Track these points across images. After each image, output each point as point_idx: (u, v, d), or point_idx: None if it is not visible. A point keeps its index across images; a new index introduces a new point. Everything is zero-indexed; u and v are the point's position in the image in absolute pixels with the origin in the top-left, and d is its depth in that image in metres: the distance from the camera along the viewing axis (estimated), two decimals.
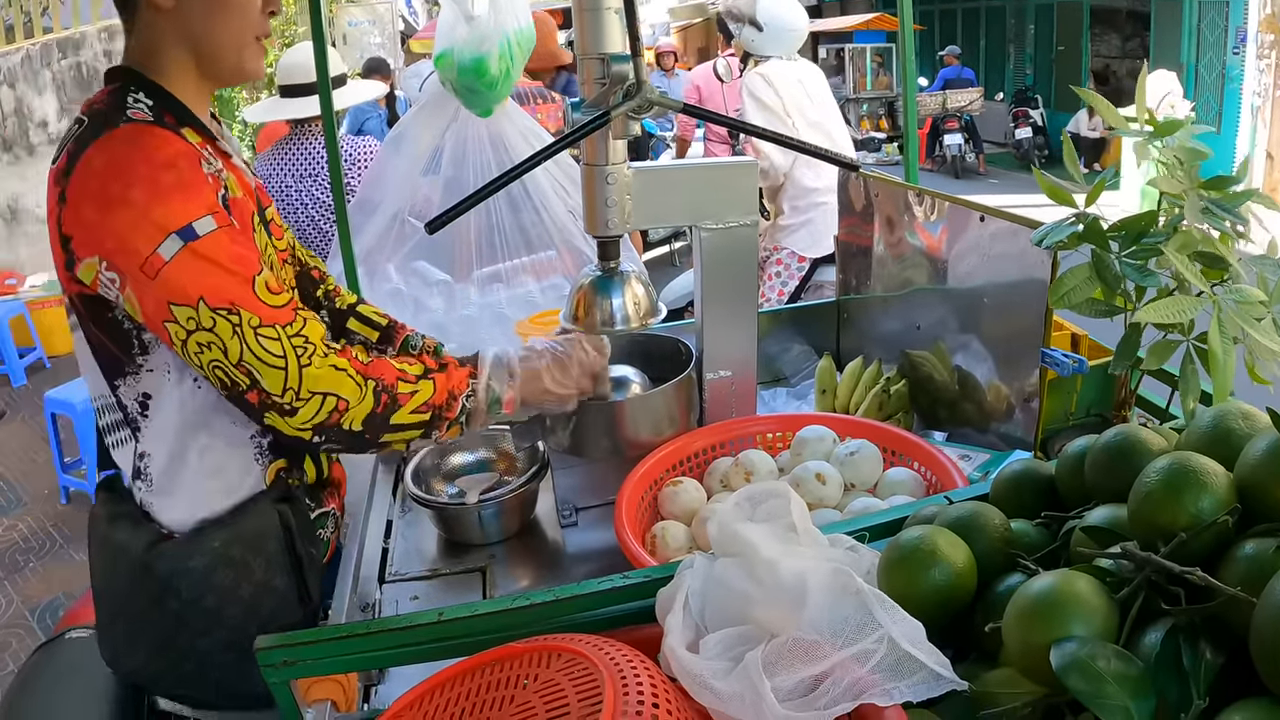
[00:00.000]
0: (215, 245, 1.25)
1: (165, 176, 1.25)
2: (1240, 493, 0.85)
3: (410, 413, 1.37)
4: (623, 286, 1.62)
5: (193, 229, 1.24)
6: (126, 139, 1.28)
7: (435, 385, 1.40)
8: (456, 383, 1.43)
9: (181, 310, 1.23)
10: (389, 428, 1.36)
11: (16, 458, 5.74)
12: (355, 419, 1.32)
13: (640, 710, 0.74)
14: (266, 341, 1.26)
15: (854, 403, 2.03)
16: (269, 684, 1.07)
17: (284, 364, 1.27)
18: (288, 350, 1.28)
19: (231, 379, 1.27)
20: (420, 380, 1.39)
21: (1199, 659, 0.75)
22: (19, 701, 1.66)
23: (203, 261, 1.24)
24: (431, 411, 1.39)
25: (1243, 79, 10.34)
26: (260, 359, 1.26)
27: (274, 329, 1.27)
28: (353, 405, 1.32)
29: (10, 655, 3.78)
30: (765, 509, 1.00)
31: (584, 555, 1.74)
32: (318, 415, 1.30)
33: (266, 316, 1.27)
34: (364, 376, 1.33)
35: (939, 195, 1.84)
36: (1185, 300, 1.26)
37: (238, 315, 1.25)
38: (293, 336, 1.29)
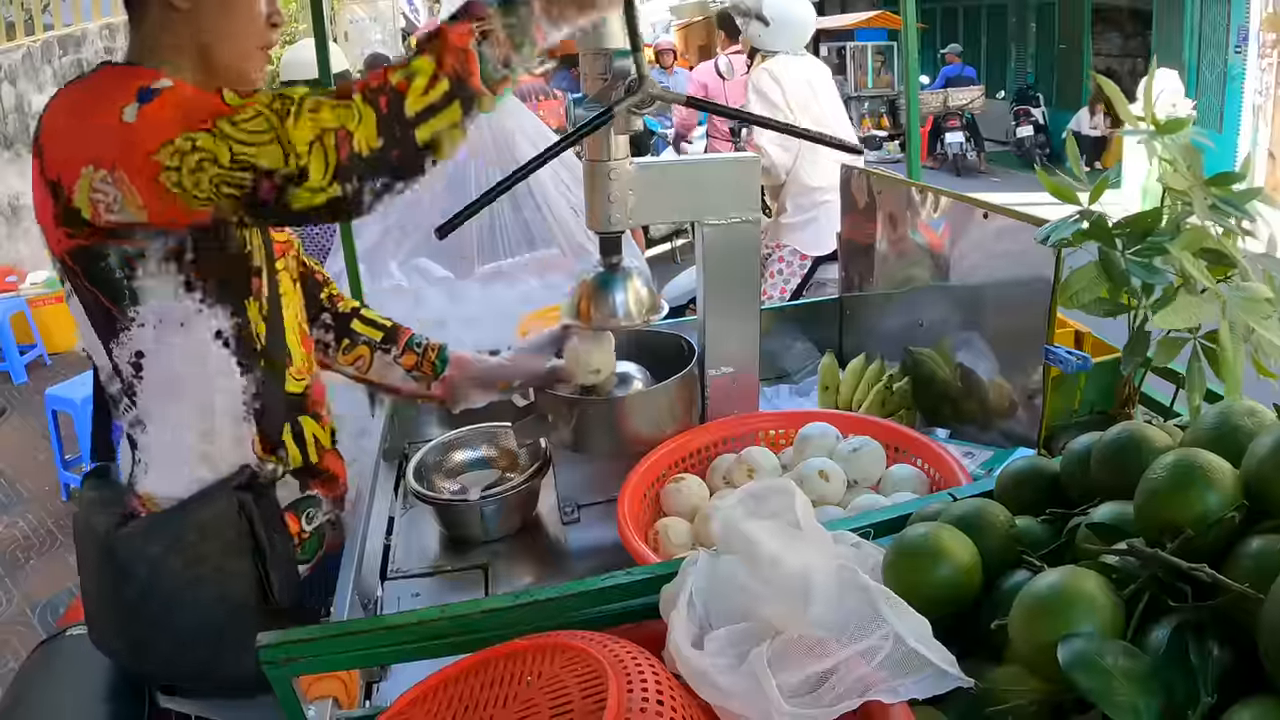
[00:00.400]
0: (176, 90, 1.25)
1: (113, 76, 1.29)
2: (1246, 489, 0.84)
3: (423, 94, 1.22)
4: (625, 282, 1.62)
5: (148, 90, 1.24)
6: (94, 76, 1.32)
7: (435, 53, 1.24)
8: (459, 35, 1.24)
9: (164, 151, 1.20)
10: (412, 121, 1.22)
11: (17, 455, 5.73)
12: (367, 138, 1.21)
13: (645, 707, 0.74)
14: (247, 124, 1.20)
15: (857, 400, 2.03)
16: (270, 680, 1.06)
17: (272, 135, 1.20)
18: (272, 120, 1.20)
19: (238, 183, 1.21)
20: (411, 61, 1.24)
21: (1206, 656, 0.75)
22: (20, 699, 1.66)
23: (167, 103, 1.23)
24: (450, 79, 1.23)
25: (1244, 78, 10.32)
26: (249, 143, 1.20)
27: (250, 108, 1.21)
28: (353, 126, 1.20)
29: (11, 653, 3.78)
30: (769, 506, 0.99)
31: (586, 552, 1.74)
32: (328, 159, 1.20)
33: (240, 105, 1.22)
34: (351, 93, 1.22)
35: (942, 192, 1.84)
36: (1197, 301, 1.26)
37: (216, 126, 1.20)
38: (271, 104, 1.21)
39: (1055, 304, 1.47)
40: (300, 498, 1.56)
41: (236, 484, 1.44)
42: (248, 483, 1.45)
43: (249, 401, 1.46)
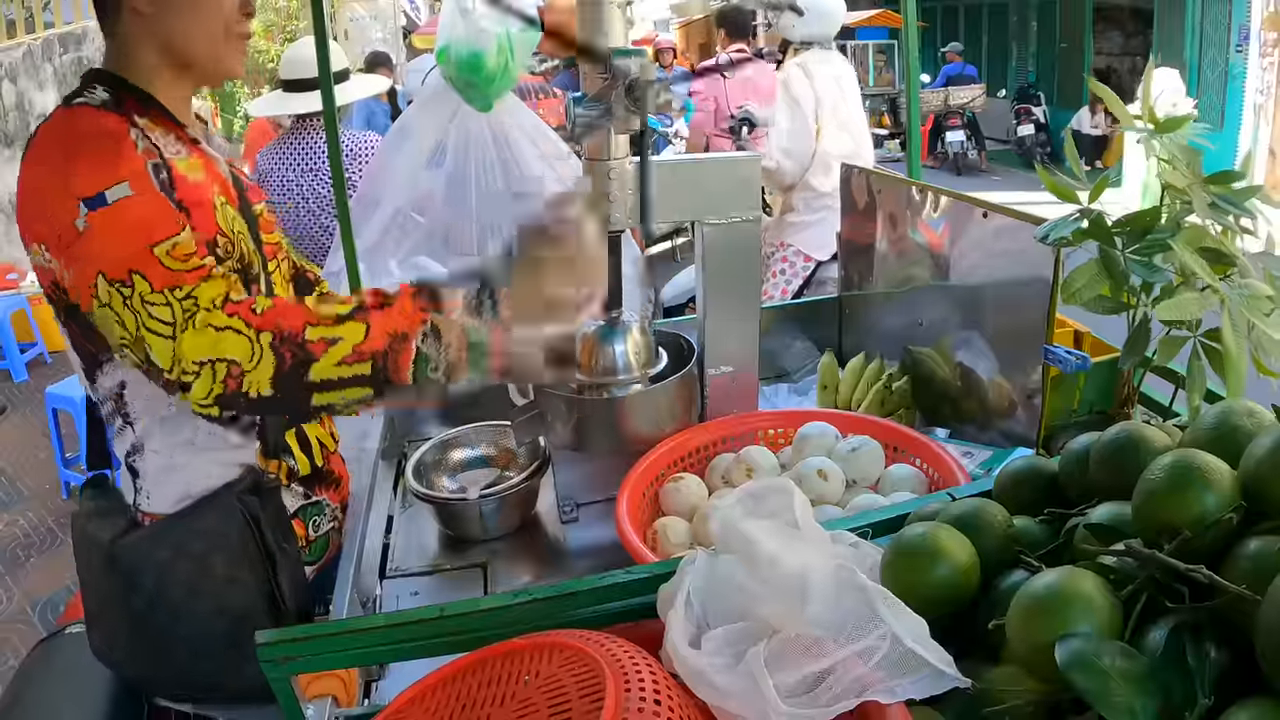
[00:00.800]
0: (122, 210, 1.20)
1: (84, 146, 1.25)
2: (1245, 490, 0.84)
3: (336, 365, 1.14)
4: (625, 336, 1.64)
5: (103, 196, 1.19)
6: (53, 124, 1.29)
7: (368, 328, 1.15)
8: (404, 322, 1.17)
9: (99, 287, 1.19)
10: (313, 385, 1.15)
11: (18, 453, 5.74)
12: (259, 383, 1.14)
13: (642, 706, 0.74)
14: (156, 309, 1.15)
15: (856, 399, 2.02)
16: (269, 679, 1.07)
17: (171, 332, 1.15)
18: (176, 316, 1.15)
19: (135, 358, 1.19)
20: (342, 322, 1.16)
21: (1204, 657, 0.75)
22: (20, 696, 1.66)
23: (108, 230, 1.19)
24: (370, 361, 1.15)
25: (1245, 76, 10.32)
26: (150, 329, 1.15)
27: (164, 294, 1.16)
28: (246, 367, 1.13)
29: (11, 650, 3.78)
30: (767, 505, 0.99)
31: (585, 551, 1.74)
32: (212, 388, 1.14)
33: (160, 281, 1.16)
34: (256, 329, 1.14)
35: (942, 191, 1.84)
36: (1196, 297, 1.26)
37: (130, 286, 1.16)
38: (183, 299, 1.15)
39: (1055, 303, 1.47)
40: (307, 504, 1.55)
41: (241, 489, 1.43)
42: (252, 488, 1.44)
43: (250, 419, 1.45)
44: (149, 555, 1.39)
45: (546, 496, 1.86)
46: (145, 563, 1.39)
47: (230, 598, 1.41)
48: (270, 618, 1.43)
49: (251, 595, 1.43)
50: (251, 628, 1.40)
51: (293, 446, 1.51)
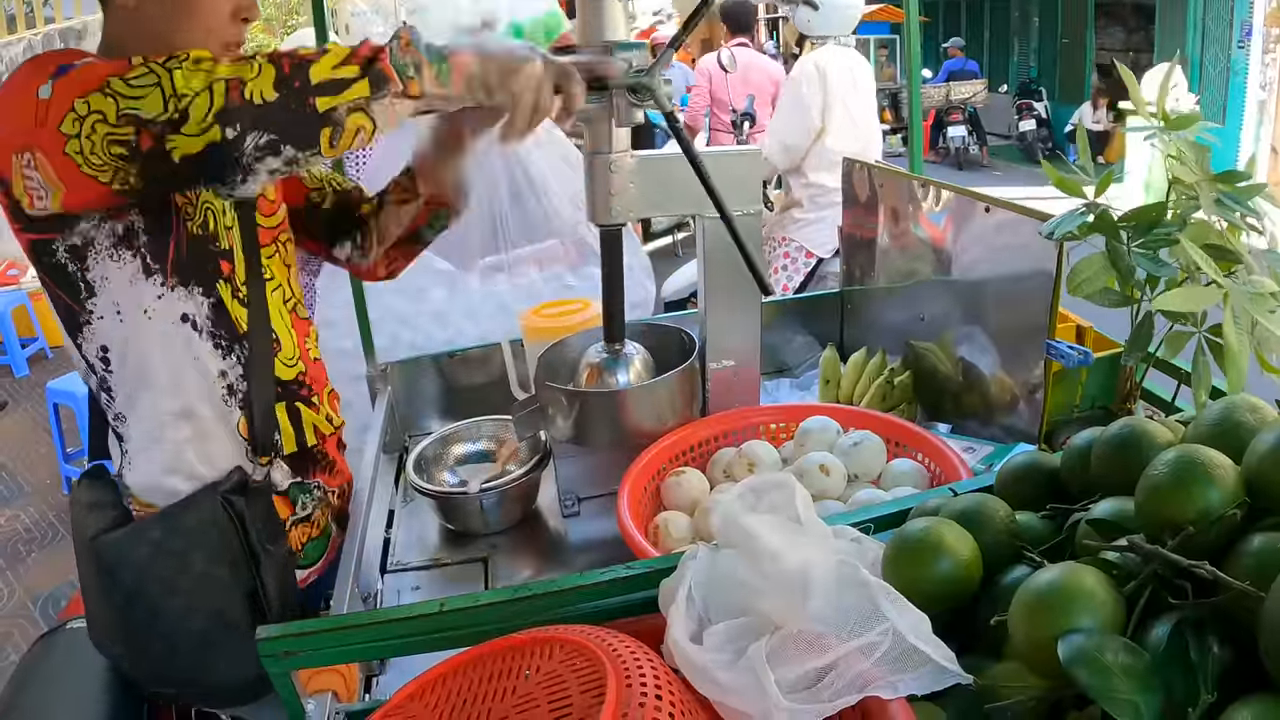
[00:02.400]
0: (87, 66, 1.19)
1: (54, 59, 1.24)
2: (1248, 486, 0.84)
3: (332, 67, 1.17)
4: (628, 367, 1.67)
5: (64, 66, 1.19)
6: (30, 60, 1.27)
7: (351, 50, 1.20)
8: (373, 43, 1.21)
9: (66, 120, 1.16)
10: (315, 87, 1.16)
11: (18, 448, 5.75)
12: (261, 88, 1.14)
13: (643, 702, 0.74)
14: (135, 78, 1.15)
15: (858, 394, 2.02)
16: (270, 674, 1.07)
17: (155, 81, 1.14)
18: (157, 71, 1.14)
19: (123, 139, 1.15)
20: (327, 45, 1.22)
21: (1206, 653, 0.75)
22: (21, 691, 1.66)
23: (75, 77, 1.18)
24: (360, 62, 1.18)
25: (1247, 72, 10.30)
26: (130, 96, 1.14)
27: (141, 64, 1.16)
28: (248, 77, 1.14)
29: (12, 645, 3.78)
30: (769, 500, 0.99)
31: (586, 545, 1.74)
32: (213, 104, 1.13)
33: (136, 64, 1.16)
34: (249, 57, 1.17)
35: (944, 186, 1.83)
36: (1200, 290, 1.26)
37: (105, 80, 1.15)
38: (166, 60, 1.16)
39: (1057, 298, 1.47)
40: (293, 483, 1.55)
41: (226, 488, 1.42)
42: (238, 487, 1.44)
43: (233, 385, 1.45)
44: (129, 552, 1.39)
45: (548, 491, 1.86)
46: (125, 559, 1.39)
47: (208, 596, 1.41)
48: (249, 617, 1.43)
49: (231, 595, 1.43)
50: (228, 630, 1.40)
51: (282, 424, 1.51)
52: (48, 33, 8.39)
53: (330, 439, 1.63)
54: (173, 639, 1.41)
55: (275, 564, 1.46)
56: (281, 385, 1.52)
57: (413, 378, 2.20)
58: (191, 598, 1.40)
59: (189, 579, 1.39)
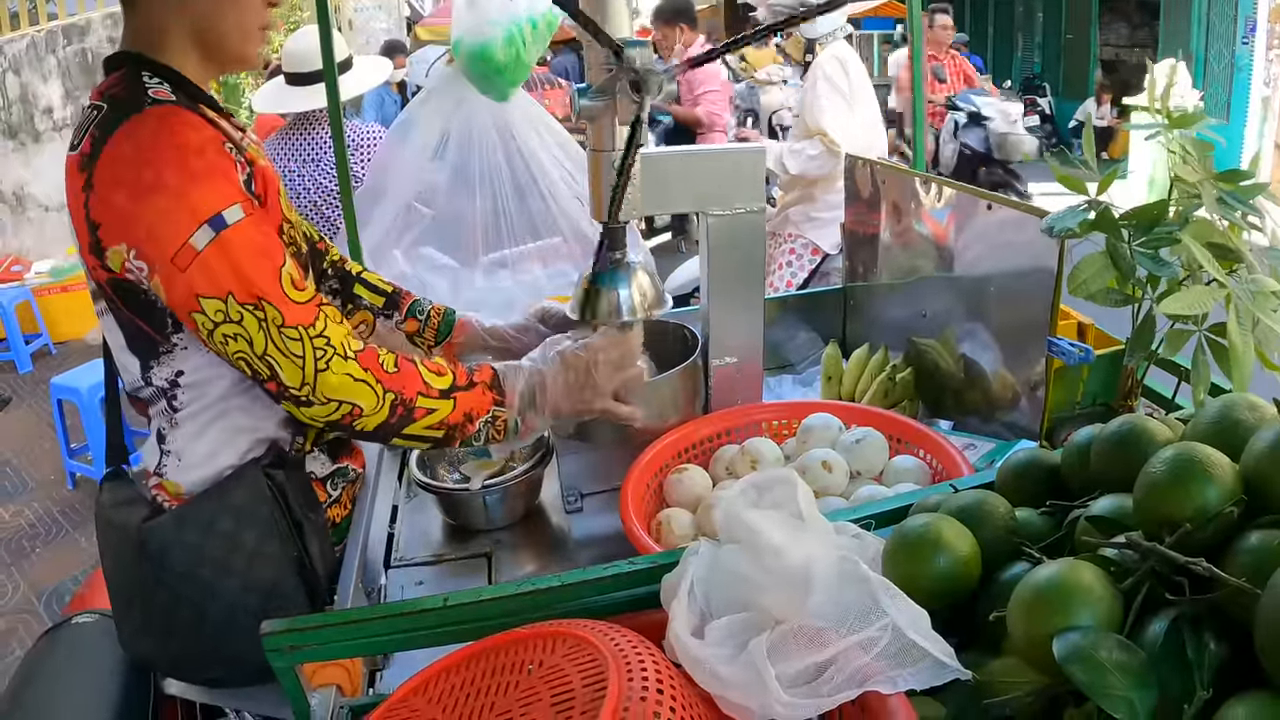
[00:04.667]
0: (243, 235, 1.27)
1: (195, 162, 1.26)
2: (1246, 484, 0.84)
3: (425, 428, 1.40)
4: (629, 278, 1.59)
5: (222, 218, 1.25)
6: (154, 123, 1.28)
7: (455, 404, 1.42)
8: (478, 406, 1.44)
9: (210, 303, 1.26)
10: (400, 436, 1.40)
11: (22, 443, 5.75)
12: (368, 424, 1.36)
13: (645, 696, 0.74)
14: (289, 341, 1.29)
15: (860, 390, 2.03)
16: (274, 669, 1.07)
17: (303, 363, 1.30)
18: (307, 351, 1.30)
19: (254, 368, 1.30)
20: (442, 398, 1.41)
21: (1203, 650, 0.75)
22: (26, 686, 1.67)
23: (232, 253, 1.26)
24: (445, 430, 1.42)
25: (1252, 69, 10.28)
26: (282, 352, 1.29)
27: (297, 330, 1.30)
28: (367, 413, 1.35)
29: (17, 641, 3.79)
30: (771, 496, 1.00)
31: (589, 541, 1.75)
32: (331, 416, 1.34)
33: (290, 316, 1.29)
34: (384, 388, 1.36)
35: (946, 182, 1.84)
36: (1203, 291, 1.26)
37: (263, 311, 1.27)
38: (315, 338, 1.31)
39: (1058, 295, 1.47)
40: (331, 470, 1.57)
41: (266, 463, 1.44)
42: (277, 460, 1.46)
43: None
44: (178, 536, 1.40)
45: (551, 487, 1.87)
46: (175, 544, 1.40)
47: (260, 571, 1.42)
48: (301, 586, 1.46)
49: (281, 566, 1.44)
50: (281, 598, 1.42)
51: None
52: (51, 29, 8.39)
53: None
54: (227, 617, 1.41)
55: (316, 531, 1.50)
56: None
57: None
58: (246, 575, 1.41)
59: (241, 556, 1.41)
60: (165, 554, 1.40)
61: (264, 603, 1.42)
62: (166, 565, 1.40)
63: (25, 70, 8.21)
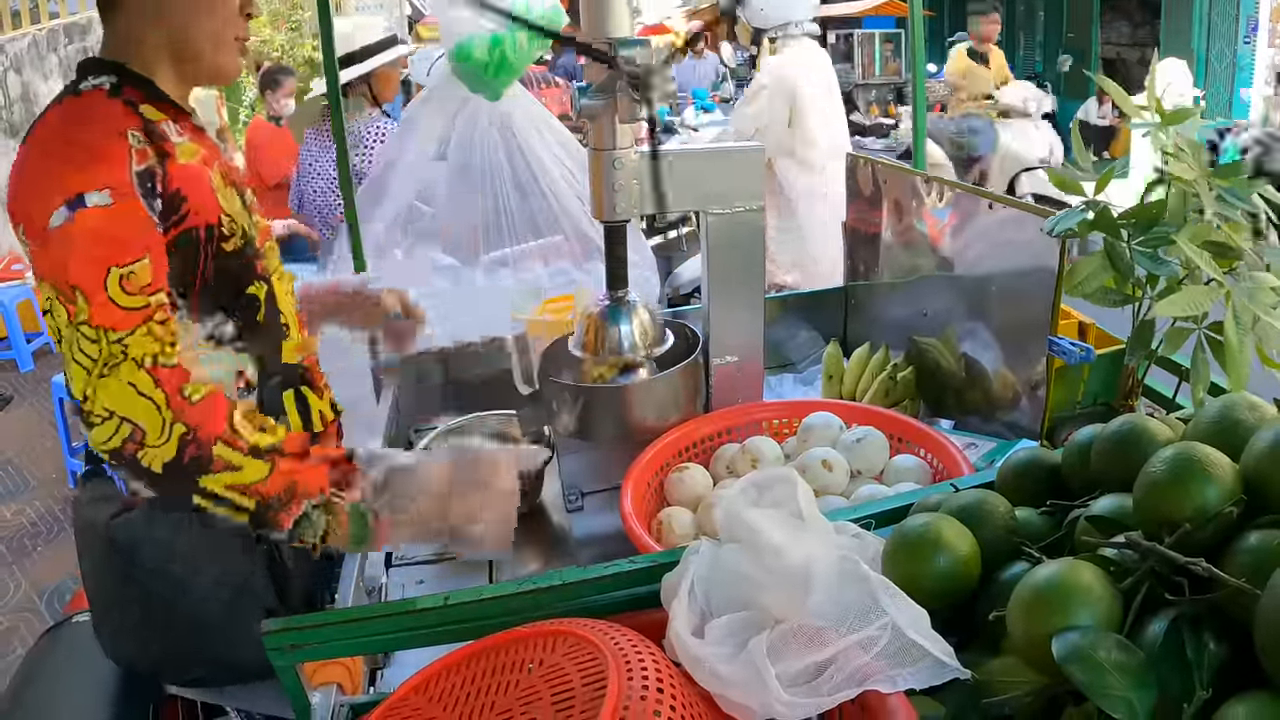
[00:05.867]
0: (93, 221, 1.19)
1: (79, 142, 1.25)
2: (1246, 484, 0.85)
3: (226, 487, 1.18)
4: (630, 316, 1.64)
5: (83, 199, 1.19)
6: (65, 109, 1.29)
7: (271, 470, 1.20)
8: (309, 482, 1.23)
9: (43, 286, 1.20)
10: (197, 489, 1.18)
11: (24, 442, 5.75)
12: (154, 459, 1.16)
13: (645, 695, 0.75)
14: (84, 341, 1.16)
15: (860, 389, 2.03)
16: (275, 667, 1.07)
17: (90, 369, 1.16)
18: (100, 357, 1.16)
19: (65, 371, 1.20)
20: (251, 455, 1.20)
21: (1202, 650, 0.75)
22: (27, 685, 1.67)
23: (72, 238, 1.18)
24: (258, 501, 1.20)
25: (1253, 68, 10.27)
26: (74, 359, 1.17)
27: (97, 331, 1.16)
28: (149, 440, 1.16)
29: (19, 639, 3.79)
30: (771, 495, 1.00)
31: (589, 540, 1.74)
32: (111, 439, 1.16)
33: (98, 315, 1.16)
34: (173, 412, 1.17)
35: (947, 181, 1.84)
36: (1201, 291, 1.26)
37: (75, 303, 1.17)
38: (113, 342, 1.16)
39: (1059, 295, 1.47)
40: None
41: None
42: None
43: (250, 380, 1.45)
44: (148, 532, 1.39)
45: (551, 485, 1.87)
46: (145, 540, 1.40)
47: (230, 567, 1.42)
48: (271, 584, 1.45)
49: (252, 566, 1.44)
50: (252, 598, 1.41)
51: (289, 408, 1.51)
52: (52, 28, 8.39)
53: (332, 426, 1.63)
54: (199, 614, 1.41)
55: None
56: (288, 370, 1.53)
57: (417, 372, 2.20)
58: (216, 572, 1.41)
59: (212, 552, 1.40)
60: (135, 550, 1.40)
61: (235, 599, 1.42)
62: (137, 561, 1.40)
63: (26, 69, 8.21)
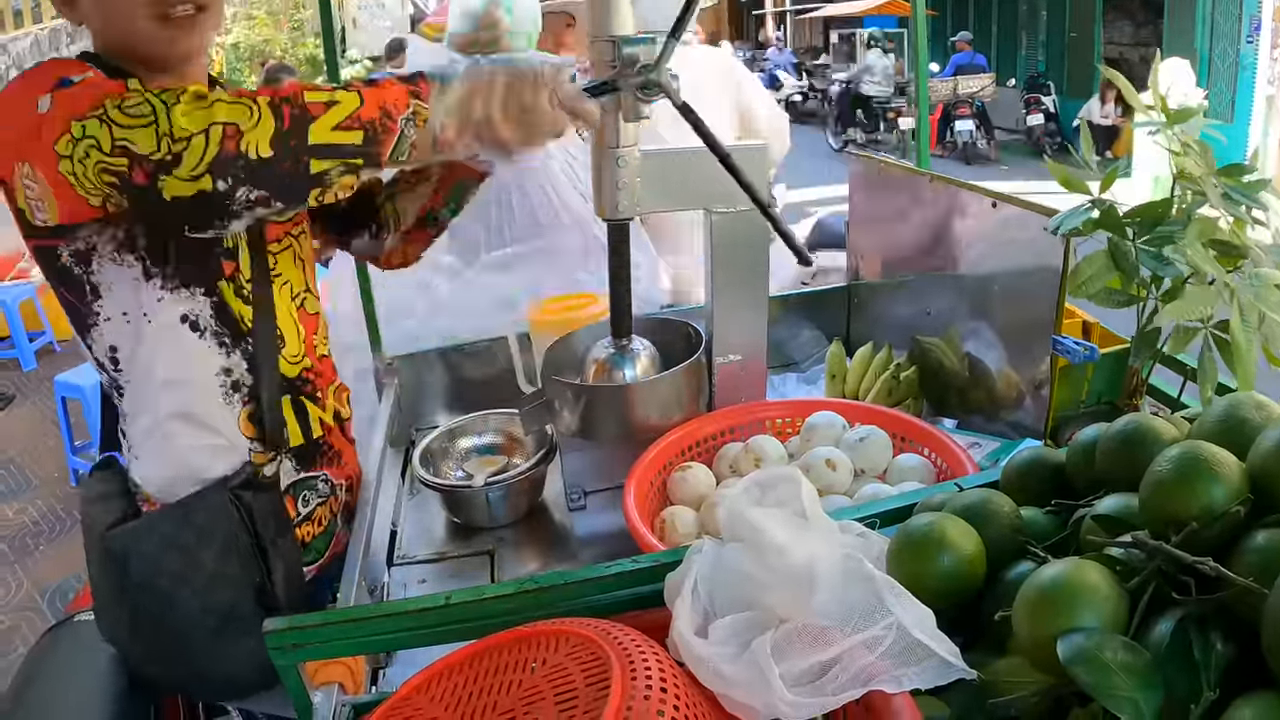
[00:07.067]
0: (85, 82, 1.19)
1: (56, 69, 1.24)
2: (1252, 483, 0.84)
3: (333, 129, 1.16)
4: (634, 363, 1.67)
5: (66, 79, 1.19)
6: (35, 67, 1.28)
7: (362, 98, 1.18)
8: (393, 99, 1.20)
9: (61, 141, 1.15)
10: (310, 148, 1.15)
11: (26, 441, 5.77)
12: (258, 141, 1.12)
13: (648, 695, 0.74)
14: (131, 107, 1.12)
15: (864, 388, 2.02)
16: (277, 667, 1.07)
17: (152, 118, 1.11)
18: (154, 103, 1.12)
19: (116, 170, 1.14)
20: (338, 91, 1.18)
21: (1209, 650, 0.75)
22: (29, 684, 1.67)
23: (74, 93, 1.17)
24: (364, 129, 1.17)
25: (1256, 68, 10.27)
26: (127, 126, 1.12)
27: (138, 93, 1.14)
28: (245, 126, 1.12)
29: (20, 638, 3.80)
30: (775, 494, 0.99)
31: (592, 539, 1.74)
32: (206, 151, 1.10)
33: (132, 97, 1.14)
34: (251, 97, 1.14)
35: (951, 181, 1.83)
36: (1206, 293, 1.25)
37: (102, 107, 1.13)
38: (163, 94, 1.13)
39: (1063, 294, 1.47)
40: (298, 479, 1.55)
41: (236, 484, 1.42)
42: (247, 482, 1.44)
43: (239, 381, 1.45)
44: (139, 545, 1.39)
45: (554, 484, 1.87)
46: (135, 552, 1.39)
47: (218, 592, 1.41)
48: (258, 613, 1.42)
49: (239, 590, 1.43)
50: (239, 621, 1.41)
51: (288, 419, 1.51)
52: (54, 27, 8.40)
53: (336, 431, 1.62)
54: (184, 632, 1.41)
55: (283, 557, 1.46)
56: (286, 381, 1.52)
57: (419, 371, 2.20)
58: (202, 592, 1.40)
59: (200, 574, 1.39)
60: (126, 560, 1.40)
61: (221, 625, 1.41)
62: (128, 572, 1.40)
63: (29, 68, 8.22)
